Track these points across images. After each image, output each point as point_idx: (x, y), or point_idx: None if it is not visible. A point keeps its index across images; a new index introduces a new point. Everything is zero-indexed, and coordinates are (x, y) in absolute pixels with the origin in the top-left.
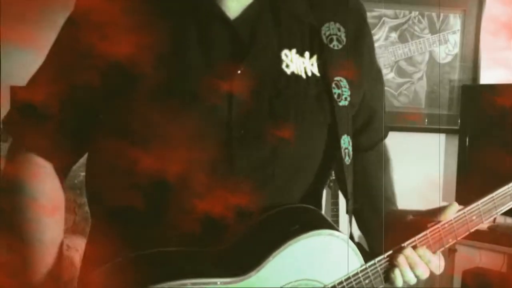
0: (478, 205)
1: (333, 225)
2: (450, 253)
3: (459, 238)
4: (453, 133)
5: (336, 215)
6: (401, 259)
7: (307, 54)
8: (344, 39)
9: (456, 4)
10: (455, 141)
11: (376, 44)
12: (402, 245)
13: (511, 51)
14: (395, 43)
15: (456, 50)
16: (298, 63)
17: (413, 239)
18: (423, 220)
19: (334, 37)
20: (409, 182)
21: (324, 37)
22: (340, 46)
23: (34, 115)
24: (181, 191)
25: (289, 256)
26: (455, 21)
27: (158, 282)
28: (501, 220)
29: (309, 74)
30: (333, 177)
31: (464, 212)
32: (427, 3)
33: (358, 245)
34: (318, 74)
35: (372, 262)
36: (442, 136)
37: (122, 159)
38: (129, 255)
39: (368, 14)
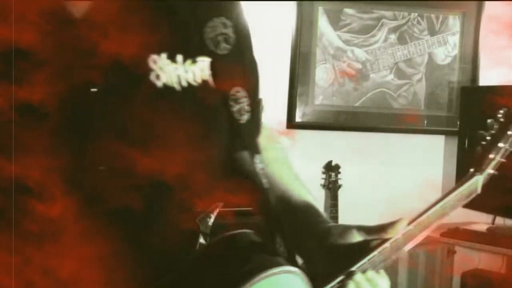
0: (423, 218)
1: (279, 254)
2: (449, 255)
3: (400, 254)
4: (453, 134)
5: (335, 217)
6: (351, 286)
7: (180, 58)
8: (233, 35)
9: (455, 5)
10: (454, 142)
11: (375, 46)
12: (352, 269)
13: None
14: (394, 45)
15: (456, 51)
16: (170, 72)
17: (362, 262)
18: (369, 238)
19: (221, 37)
20: (408, 184)
21: (208, 41)
22: (229, 47)
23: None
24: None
25: None
26: (454, 22)
27: None
28: (500, 221)
29: (184, 84)
30: (333, 178)
31: (410, 228)
32: (426, 4)
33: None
34: (194, 84)
35: None
36: (442, 138)
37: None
38: None
39: (367, 16)
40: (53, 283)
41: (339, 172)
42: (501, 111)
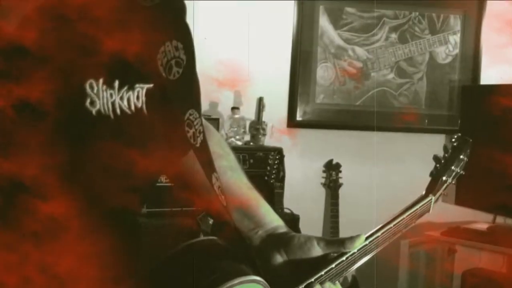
0: (378, 235)
1: (244, 261)
2: (450, 254)
3: (355, 267)
4: (453, 133)
5: (335, 216)
6: None
7: (116, 84)
8: (184, 57)
9: (457, 5)
10: None
11: (376, 45)
12: (310, 280)
13: None
14: (395, 44)
15: (456, 50)
16: (105, 98)
17: (320, 274)
18: (328, 251)
19: (173, 61)
20: (409, 183)
21: (161, 69)
22: (181, 71)
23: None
24: None
25: None
26: (455, 21)
27: None
28: (500, 220)
29: (118, 112)
30: (333, 177)
31: (366, 245)
32: (427, 3)
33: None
34: (128, 112)
35: None
36: (442, 137)
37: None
38: None
39: (368, 15)
40: (50, 280)
41: (340, 171)
42: (455, 136)
